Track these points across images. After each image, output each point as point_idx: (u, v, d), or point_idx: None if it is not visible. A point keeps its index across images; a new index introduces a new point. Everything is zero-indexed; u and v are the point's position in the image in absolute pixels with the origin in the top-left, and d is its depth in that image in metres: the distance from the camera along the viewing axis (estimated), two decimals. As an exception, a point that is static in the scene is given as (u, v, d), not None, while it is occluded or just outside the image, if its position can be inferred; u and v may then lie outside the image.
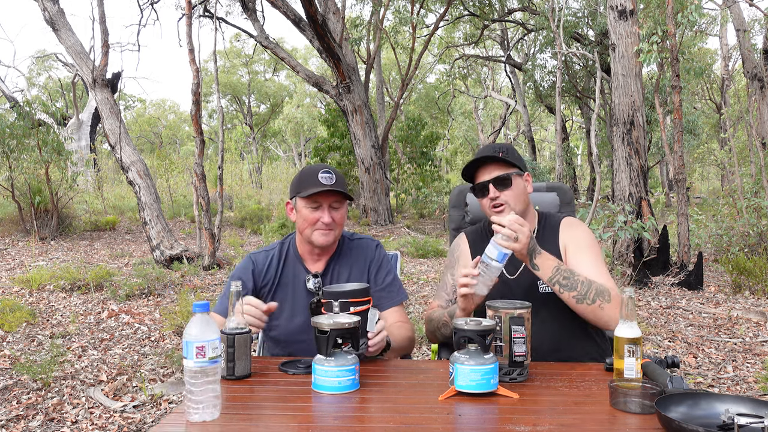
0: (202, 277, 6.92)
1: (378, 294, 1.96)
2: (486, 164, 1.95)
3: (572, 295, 1.74)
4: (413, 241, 9.06)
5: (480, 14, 16.24)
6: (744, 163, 11.83)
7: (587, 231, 2.00)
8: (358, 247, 2.04)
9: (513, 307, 1.50)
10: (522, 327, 1.46)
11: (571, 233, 1.97)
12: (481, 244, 2.02)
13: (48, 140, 9.45)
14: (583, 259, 1.88)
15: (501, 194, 1.92)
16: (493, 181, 1.92)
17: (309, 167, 1.96)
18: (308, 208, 1.90)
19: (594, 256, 1.90)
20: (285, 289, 1.97)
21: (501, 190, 1.92)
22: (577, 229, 1.99)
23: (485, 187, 1.93)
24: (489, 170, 1.94)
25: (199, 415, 1.24)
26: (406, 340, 1.90)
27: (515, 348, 1.45)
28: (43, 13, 8.48)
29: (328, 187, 1.86)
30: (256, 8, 12.54)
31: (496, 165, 1.94)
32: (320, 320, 1.48)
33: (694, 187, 20.31)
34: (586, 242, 1.94)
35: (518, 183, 1.95)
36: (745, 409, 1.20)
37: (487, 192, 1.93)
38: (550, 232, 1.99)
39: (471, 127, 28.10)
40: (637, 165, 7.30)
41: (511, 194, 1.92)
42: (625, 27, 7.36)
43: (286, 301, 1.94)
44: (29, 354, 4.15)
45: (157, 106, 38.75)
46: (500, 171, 1.93)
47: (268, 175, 21.49)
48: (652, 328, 4.82)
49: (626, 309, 1.45)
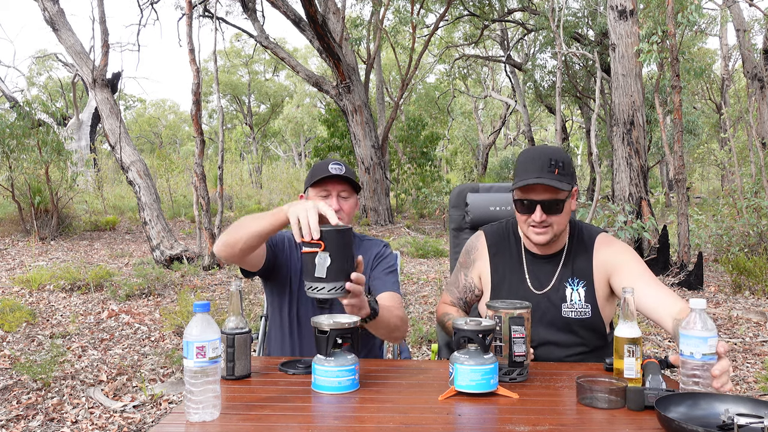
0: (202, 277, 6.92)
1: (374, 282, 1.97)
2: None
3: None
4: (413, 241, 9.06)
5: (480, 14, 16.24)
6: (744, 163, 11.83)
7: (628, 248, 1.86)
8: (367, 246, 2.06)
9: (513, 307, 1.49)
10: (522, 327, 1.46)
11: (614, 255, 1.81)
12: (503, 249, 1.92)
13: (48, 140, 9.45)
14: (644, 285, 1.71)
15: (548, 218, 1.75)
16: (543, 203, 1.73)
17: (321, 161, 2.01)
18: (318, 196, 1.94)
19: (650, 276, 1.76)
20: (295, 277, 2.00)
21: (549, 215, 1.74)
22: (618, 247, 1.84)
23: (532, 207, 1.75)
24: (541, 188, 1.73)
25: (199, 415, 1.24)
26: (395, 318, 1.77)
27: (515, 348, 1.45)
28: (43, 13, 8.48)
29: (335, 173, 1.90)
30: (256, 8, 12.54)
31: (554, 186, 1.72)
32: (320, 320, 1.48)
33: (694, 187, 20.31)
34: (635, 263, 1.79)
35: (568, 206, 1.77)
36: (745, 409, 1.20)
37: (532, 211, 1.75)
38: (583, 251, 1.85)
39: (471, 127, 28.10)
40: (637, 165, 7.30)
41: (558, 218, 1.76)
42: (625, 27, 7.36)
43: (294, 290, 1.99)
44: (29, 354, 4.15)
45: (157, 106, 38.76)
46: (553, 194, 1.73)
47: (268, 175, 21.50)
48: (652, 328, 4.82)
49: (626, 309, 1.45)
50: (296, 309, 1.99)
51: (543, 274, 1.86)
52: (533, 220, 1.75)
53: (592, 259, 1.83)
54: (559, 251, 1.87)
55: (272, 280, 2.01)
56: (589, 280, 1.82)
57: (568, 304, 1.81)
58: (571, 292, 1.81)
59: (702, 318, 1.36)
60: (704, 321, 1.35)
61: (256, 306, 5.59)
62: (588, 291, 1.81)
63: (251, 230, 1.64)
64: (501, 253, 1.92)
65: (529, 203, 1.75)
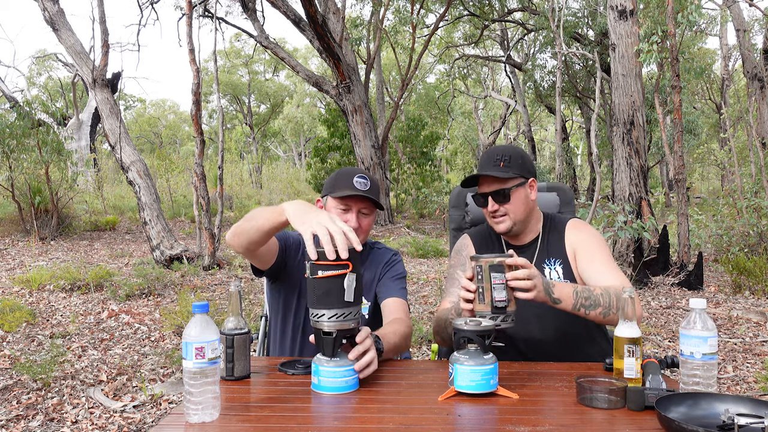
0: (202, 277, 6.92)
1: (381, 288, 1.96)
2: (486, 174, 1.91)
3: (598, 312, 1.68)
4: (413, 241, 9.06)
5: (480, 14, 16.24)
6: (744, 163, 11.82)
7: (594, 232, 1.98)
8: (378, 254, 2.05)
9: (493, 256, 1.54)
10: (502, 274, 1.50)
11: (579, 236, 1.95)
12: (486, 246, 2.03)
13: (48, 140, 9.45)
14: (594, 262, 1.87)
15: (500, 207, 1.89)
16: (492, 194, 1.89)
17: (347, 169, 1.95)
18: (338, 209, 1.89)
19: (605, 255, 1.89)
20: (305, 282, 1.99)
21: (500, 203, 1.89)
22: (585, 230, 1.97)
23: (485, 199, 1.91)
24: (489, 181, 1.90)
25: (199, 416, 1.24)
26: (399, 338, 1.73)
27: (495, 294, 1.49)
28: (43, 13, 8.47)
29: (361, 192, 1.85)
30: (256, 8, 12.54)
31: (495, 175, 1.89)
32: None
33: (694, 187, 20.31)
34: (595, 243, 1.92)
35: (519, 194, 1.90)
36: (745, 409, 1.20)
37: (486, 203, 1.91)
38: (556, 234, 1.97)
39: (471, 127, 28.09)
40: (637, 165, 7.30)
41: (510, 206, 1.90)
42: (625, 27, 7.36)
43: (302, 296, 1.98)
44: (29, 354, 4.15)
45: (157, 106, 38.77)
46: (499, 183, 1.89)
47: (268, 175, 21.51)
48: (652, 328, 4.82)
49: (626, 309, 1.45)
50: (303, 312, 1.98)
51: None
52: (489, 211, 1.91)
53: (564, 239, 1.95)
54: (534, 239, 1.99)
55: (279, 281, 1.99)
56: (564, 258, 1.93)
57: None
58: (549, 271, 1.93)
59: (702, 318, 1.36)
60: (704, 321, 1.35)
61: (256, 306, 5.59)
62: (565, 269, 1.92)
63: (254, 225, 1.62)
64: (486, 251, 2.02)
65: (482, 196, 1.92)
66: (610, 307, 1.69)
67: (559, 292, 1.65)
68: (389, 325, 1.79)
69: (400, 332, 1.75)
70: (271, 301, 2.06)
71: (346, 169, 1.94)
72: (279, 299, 2.01)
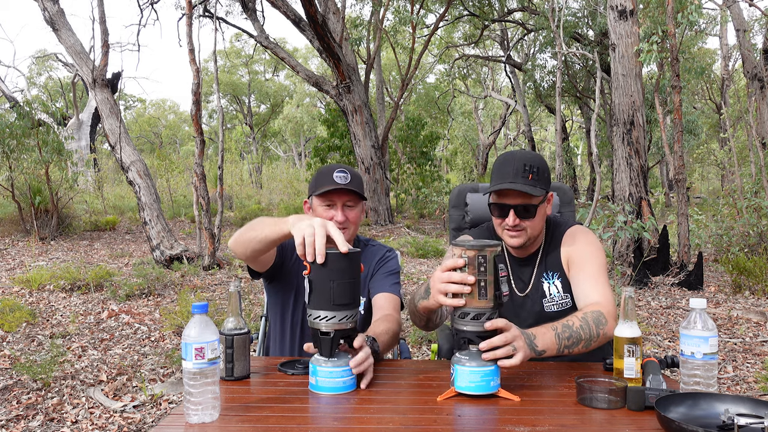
0: (202, 277, 6.92)
1: (374, 283, 1.96)
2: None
3: (581, 346, 1.61)
4: (413, 241, 9.06)
5: (480, 14, 16.24)
6: (744, 163, 11.83)
7: (589, 240, 1.88)
8: (372, 251, 2.05)
9: (495, 245, 1.38)
10: (503, 264, 1.40)
11: (572, 246, 1.87)
12: None
13: (48, 140, 9.45)
14: (581, 274, 1.80)
15: (521, 222, 1.80)
16: (517, 207, 1.78)
17: (326, 166, 1.97)
18: (323, 206, 1.92)
19: (595, 267, 1.80)
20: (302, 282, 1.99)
21: (523, 218, 1.79)
22: (580, 240, 1.88)
23: (506, 211, 1.80)
24: (515, 193, 1.77)
25: (198, 417, 1.24)
26: (391, 337, 1.73)
27: (502, 288, 1.38)
28: (43, 13, 8.47)
29: (341, 186, 1.87)
30: (256, 8, 12.54)
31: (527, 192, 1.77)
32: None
33: (694, 187, 20.32)
34: (587, 254, 1.84)
35: (541, 210, 1.82)
36: (745, 409, 1.20)
37: (506, 215, 1.80)
38: (554, 246, 1.91)
39: (471, 127, 28.10)
40: (637, 165, 7.30)
41: (531, 223, 1.81)
42: (625, 27, 7.36)
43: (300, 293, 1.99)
44: (29, 354, 4.15)
45: (157, 106, 38.77)
46: (526, 198, 1.77)
47: (268, 175, 21.51)
48: (652, 328, 4.82)
49: (626, 309, 1.45)
50: (300, 312, 1.98)
51: (524, 275, 1.91)
52: (507, 224, 1.80)
53: (560, 252, 1.89)
54: (535, 251, 1.93)
55: (277, 282, 2.00)
56: (561, 271, 1.87)
57: (548, 298, 1.87)
58: (549, 285, 1.88)
59: (702, 318, 1.36)
60: (704, 321, 1.35)
61: (256, 306, 5.59)
62: (563, 282, 1.87)
63: (257, 235, 1.63)
64: None
65: (503, 207, 1.80)
66: (591, 338, 1.62)
67: (542, 343, 1.53)
68: (381, 323, 1.76)
69: (392, 331, 1.75)
70: (272, 300, 2.07)
71: (325, 167, 1.97)
72: (277, 299, 2.02)
